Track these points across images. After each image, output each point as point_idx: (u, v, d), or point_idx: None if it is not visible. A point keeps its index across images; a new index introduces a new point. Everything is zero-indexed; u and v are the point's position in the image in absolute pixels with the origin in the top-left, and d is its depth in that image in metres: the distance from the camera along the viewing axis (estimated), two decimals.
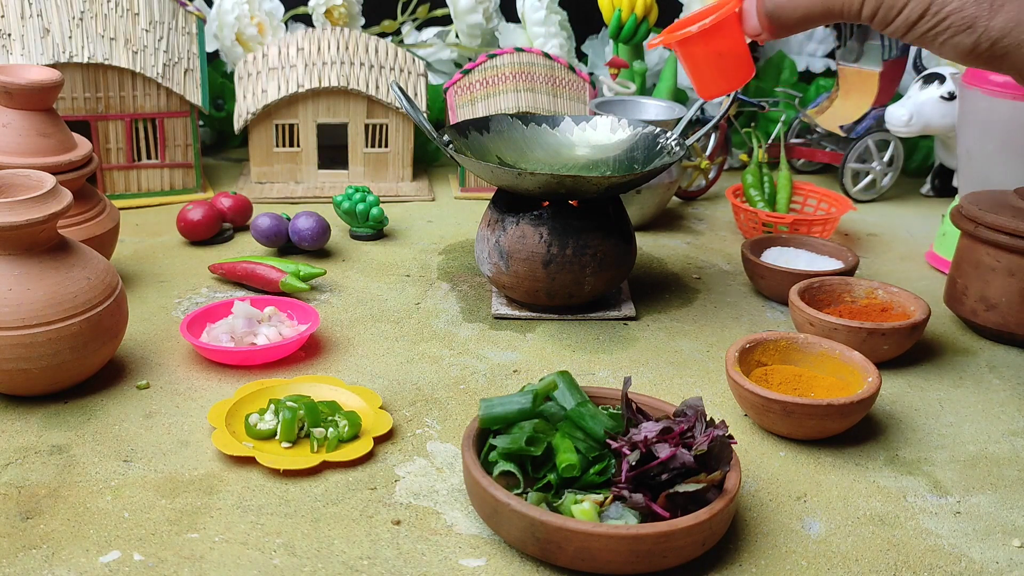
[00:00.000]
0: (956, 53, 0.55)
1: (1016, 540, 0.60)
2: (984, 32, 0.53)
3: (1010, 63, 0.54)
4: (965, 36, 0.54)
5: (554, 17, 1.34)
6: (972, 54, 0.55)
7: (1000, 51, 0.54)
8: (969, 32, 0.54)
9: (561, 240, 0.83)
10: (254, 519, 0.59)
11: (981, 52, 0.54)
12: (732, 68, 0.69)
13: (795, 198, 1.14)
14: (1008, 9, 0.52)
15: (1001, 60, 0.54)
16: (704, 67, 0.70)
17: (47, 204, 0.66)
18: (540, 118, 0.96)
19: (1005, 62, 0.54)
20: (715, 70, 0.70)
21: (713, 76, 0.70)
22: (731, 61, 0.69)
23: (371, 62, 1.17)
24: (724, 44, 0.68)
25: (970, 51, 0.55)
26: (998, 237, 0.83)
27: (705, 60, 0.69)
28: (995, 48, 0.54)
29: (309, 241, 0.98)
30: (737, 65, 0.69)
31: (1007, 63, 0.54)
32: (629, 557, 0.53)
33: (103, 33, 1.06)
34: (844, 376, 0.73)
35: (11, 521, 0.57)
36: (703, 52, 0.68)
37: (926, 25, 0.55)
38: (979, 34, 0.53)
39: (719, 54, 0.68)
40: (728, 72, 0.70)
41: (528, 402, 0.60)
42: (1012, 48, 0.53)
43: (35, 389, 0.69)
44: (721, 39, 0.68)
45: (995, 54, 0.54)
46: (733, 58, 0.69)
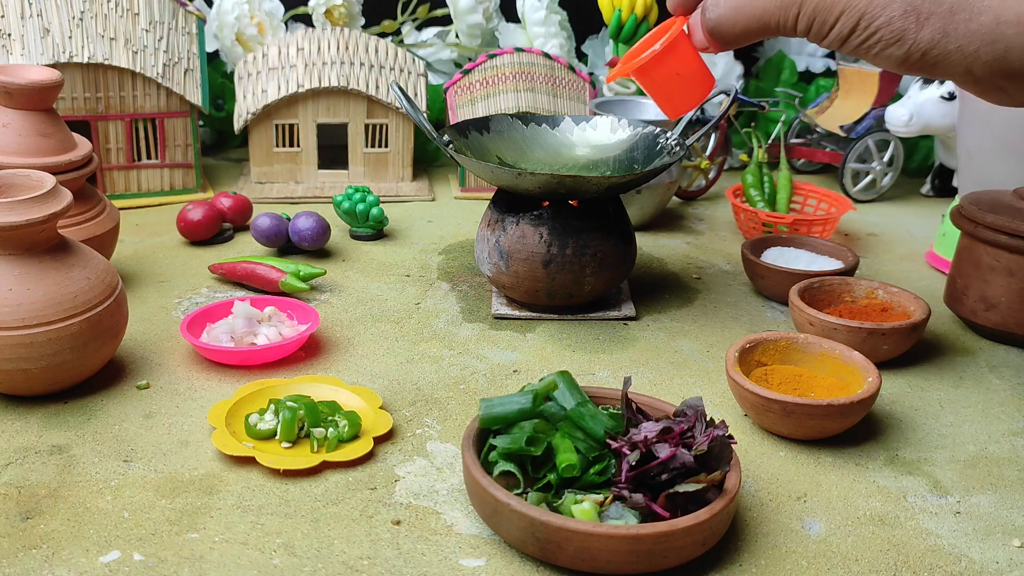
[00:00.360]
0: (890, 64, 0.58)
1: (1016, 540, 0.60)
2: (913, 44, 0.55)
3: (942, 71, 0.56)
4: (896, 48, 0.56)
5: (554, 17, 1.34)
6: (905, 64, 0.57)
7: (931, 60, 0.56)
8: (899, 45, 0.56)
9: (561, 240, 0.83)
10: (254, 519, 0.59)
11: (913, 62, 0.56)
12: (693, 84, 0.71)
13: (795, 198, 1.14)
14: (933, 22, 0.54)
15: (933, 68, 0.56)
16: (666, 89, 0.71)
17: (47, 204, 0.66)
18: (540, 118, 0.96)
19: (937, 70, 0.56)
20: (677, 89, 0.71)
21: (677, 95, 0.72)
22: (690, 77, 0.70)
23: (371, 62, 1.17)
24: (679, 63, 0.69)
25: (903, 61, 0.56)
26: (998, 237, 0.83)
27: (665, 82, 0.71)
28: (926, 58, 0.56)
29: (309, 241, 0.98)
30: (697, 80, 0.71)
31: (939, 71, 0.56)
32: (629, 557, 0.53)
33: (103, 33, 1.06)
34: (844, 376, 0.73)
35: (11, 521, 0.57)
36: (661, 75, 0.70)
37: (858, 39, 0.57)
38: (909, 46, 0.55)
39: (677, 74, 0.70)
40: (690, 88, 0.71)
41: (528, 402, 0.60)
42: (941, 58, 0.55)
43: (35, 389, 0.69)
44: (675, 59, 0.69)
45: (926, 63, 0.56)
46: (691, 74, 0.70)
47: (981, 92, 0.57)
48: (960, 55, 0.54)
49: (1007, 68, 0.53)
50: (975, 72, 0.54)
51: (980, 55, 0.53)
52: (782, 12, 0.59)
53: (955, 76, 0.56)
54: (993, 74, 0.54)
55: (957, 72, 0.55)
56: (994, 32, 0.52)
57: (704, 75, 0.71)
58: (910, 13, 0.54)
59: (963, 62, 0.54)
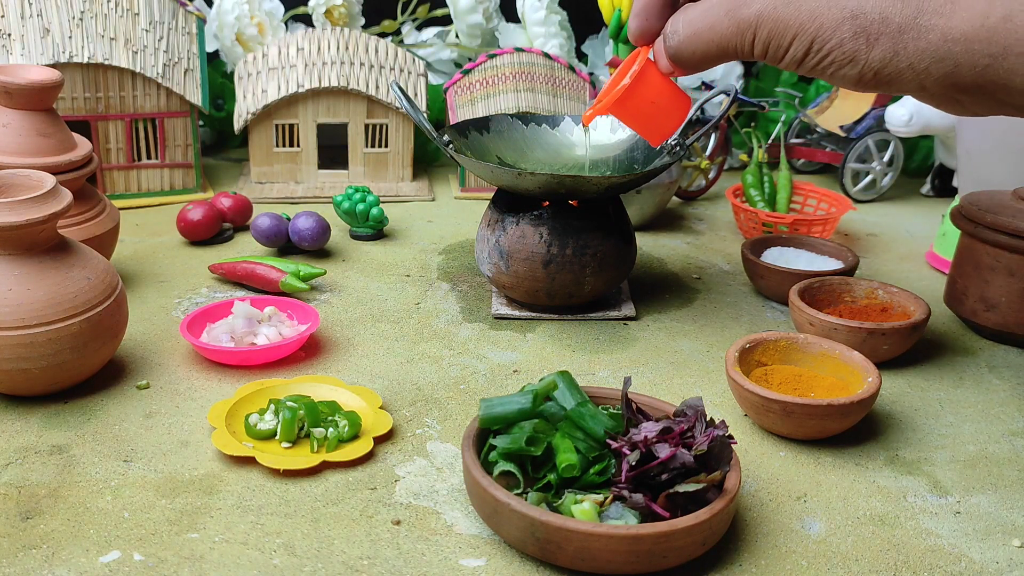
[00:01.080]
0: (846, 83, 0.59)
1: (1016, 540, 0.60)
2: (866, 64, 0.56)
3: (896, 88, 0.58)
4: (849, 68, 0.57)
5: (554, 17, 1.34)
6: (860, 83, 0.58)
7: (884, 79, 0.57)
8: (852, 65, 0.57)
9: (561, 240, 0.83)
10: (254, 519, 0.59)
11: (867, 81, 0.58)
12: (669, 108, 0.71)
13: (795, 198, 1.14)
14: (883, 42, 0.55)
15: (888, 86, 0.58)
16: (644, 118, 0.72)
17: (47, 204, 0.66)
18: (540, 118, 0.96)
19: (892, 87, 0.58)
20: (655, 116, 0.72)
21: (655, 122, 0.72)
22: (666, 102, 0.71)
23: (371, 62, 1.17)
24: (651, 91, 0.70)
25: (857, 81, 0.58)
26: (998, 237, 0.83)
27: (642, 112, 0.71)
28: (879, 77, 0.57)
29: (309, 241, 0.98)
30: (672, 103, 0.71)
31: (894, 88, 0.58)
32: (629, 557, 0.53)
33: (103, 33, 1.06)
34: (844, 376, 0.73)
35: (11, 521, 0.57)
36: (637, 106, 0.71)
37: (812, 61, 0.58)
38: (861, 66, 0.57)
39: (651, 102, 0.70)
40: (667, 113, 0.72)
41: (528, 402, 0.60)
42: (894, 76, 0.56)
43: (35, 389, 0.69)
44: (646, 88, 0.70)
45: (880, 81, 0.57)
46: (666, 99, 0.71)
47: (937, 104, 0.58)
48: (912, 72, 0.55)
49: (958, 83, 0.54)
50: (928, 88, 0.56)
51: (931, 71, 0.54)
52: (739, 37, 0.60)
53: (910, 91, 0.57)
54: (946, 89, 0.55)
55: (911, 88, 0.57)
56: (942, 50, 0.54)
57: (678, 97, 0.71)
58: (860, 35, 0.56)
59: (915, 79, 0.55)
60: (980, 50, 0.52)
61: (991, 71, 0.53)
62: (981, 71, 0.53)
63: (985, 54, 0.52)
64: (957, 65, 0.53)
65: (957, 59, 0.53)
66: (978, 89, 0.54)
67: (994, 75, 0.53)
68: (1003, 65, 0.52)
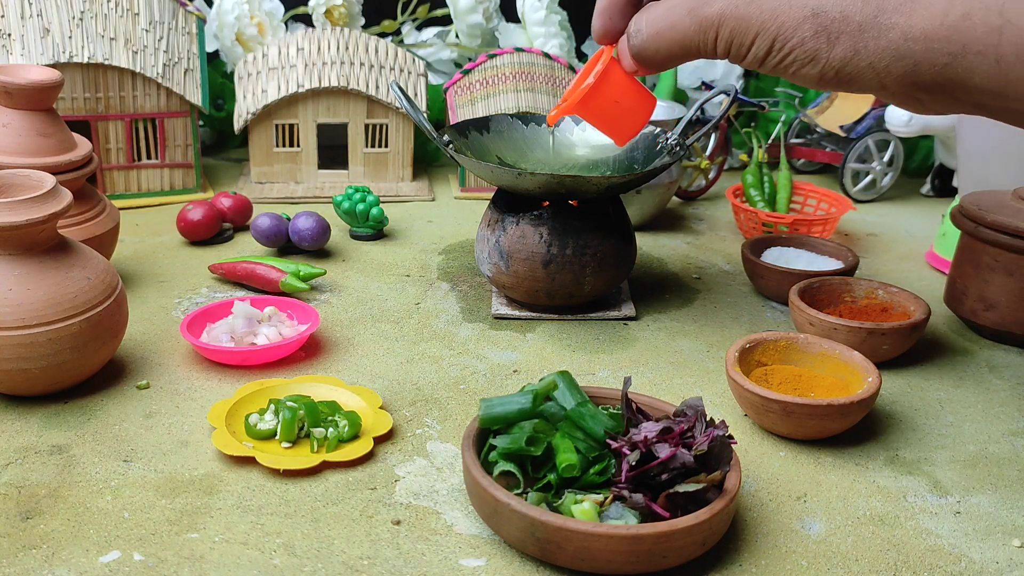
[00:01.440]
0: (808, 82, 0.59)
1: (1016, 540, 0.60)
2: (827, 63, 0.57)
3: (858, 87, 0.58)
4: (810, 67, 0.57)
5: (554, 17, 1.34)
6: (822, 82, 0.58)
7: (845, 77, 0.57)
8: (813, 64, 0.57)
9: (561, 240, 0.83)
10: (254, 519, 0.59)
11: (829, 80, 0.58)
12: (634, 108, 0.71)
13: (795, 198, 1.14)
14: (844, 41, 0.55)
15: (849, 84, 0.58)
16: (609, 118, 0.72)
17: (47, 204, 0.66)
18: (540, 118, 0.96)
19: (853, 85, 0.58)
20: (619, 116, 0.72)
21: (620, 122, 0.73)
22: (630, 102, 0.71)
23: (371, 62, 1.17)
24: (615, 91, 0.70)
25: (819, 79, 0.58)
26: (998, 237, 0.83)
27: (606, 112, 0.71)
28: (840, 75, 0.57)
29: (309, 241, 0.98)
30: (637, 103, 0.71)
31: (855, 86, 0.58)
32: (629, 557, 0.53)
33: (103, 33, 1.06)
34: (844, 376, 0.73)
35: (11, 521, 0.57)
36: (601, 106, 0.70)
37: (774, 60, 0.58)
38: (822, 65, 0.57)
39: (615, 102, 0.70)
40: (632, 113, 0.72)
41: (528, 402, 0.60)
42: (855, 75, 0.57)
43: (35, 389, 0.69)
44: (610, 87, 0.69)
45: (842, 80, 0.58)
46: (631, 98, 0.71)
47: (898, 103, 0.58)
48: (872, 71, 0.55)
49: (918, 82, 0.55)
50: (889, 86, 0.56)
51: (891, 70, 0.55)
52: (701, 36, 0.60)
53: (871, 90, 0.57)
54: (906, 87, 0.55)
55: (872, 87, 0.57)
56: (902, 48, 0.54)
57: (643, 97, 0.71)
58: (820, 33, 0.56)
59: (876, 77, 0.56)
60: (940, 48, 0.52)
61: (950, 69, 0.53)
62: (940, 69, 0.53)
63: (944, 52, 0.52)
64: (917, 63, 0.54)
65: (917, 57, 0.53)
66: (938, 87, 0.54)
67: (953, 73, 0.53)
68: (961, 63, 0.52)
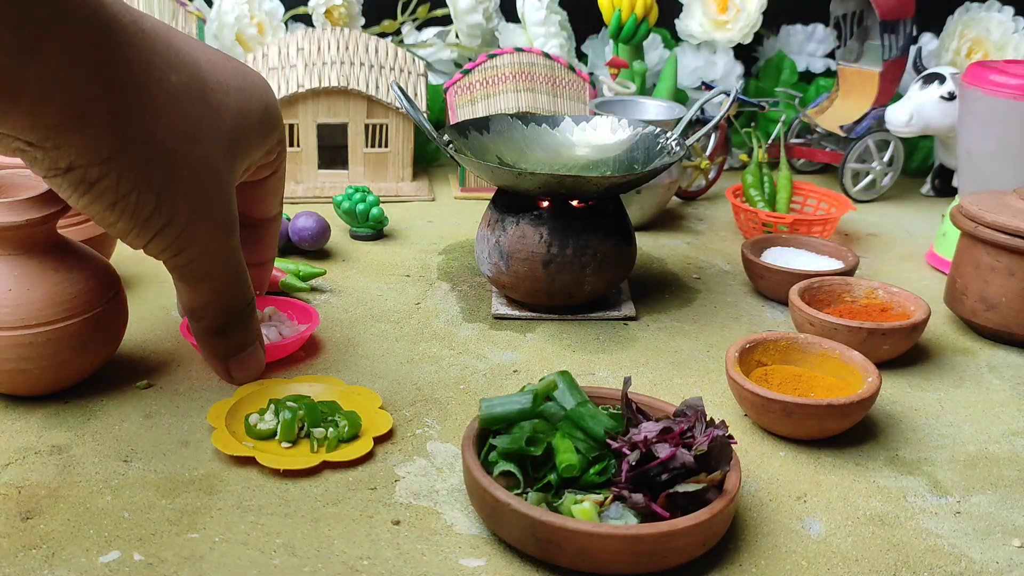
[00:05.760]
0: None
1: (1016, 540, 0.60)
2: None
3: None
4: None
5: (554, 17, 1.34)
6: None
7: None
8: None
9: (561, 240, 0.83)
10: (254, 519, 0.59)
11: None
12: None
13: (795, 198, 1.14)
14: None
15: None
16: None
17: (47, 204, 0.66)
18: (540, 118, 0.96)
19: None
20: None
21: None
22: None
23: (371, 62, 1.17)
24: None
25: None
26: (998, 237, 0.83)
27: None
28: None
29: (309, 241, 0.98)
30: None
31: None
32: (629, 557, 0.53)
33: None
34: (844, 376, 0.73)
35: (11, 521, 0.57)
36: None
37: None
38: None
39: None
40: None
41: (528, 402, 0.60)
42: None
43: (35, 389, 0.69)
44: None
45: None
46: None
47: None
48: None
49: None
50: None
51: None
52: None
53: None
54: None
55: None
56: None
57: None
58: None
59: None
60: None
61: None
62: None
63: None
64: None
65: None
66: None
67: None
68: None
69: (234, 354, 0.59)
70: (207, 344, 0.57)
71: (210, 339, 0.56)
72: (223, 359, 0.59)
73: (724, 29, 1.37)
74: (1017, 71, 1.04)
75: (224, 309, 0.56)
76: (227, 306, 0.56)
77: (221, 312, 0.56)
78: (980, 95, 1.05)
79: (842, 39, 1.30)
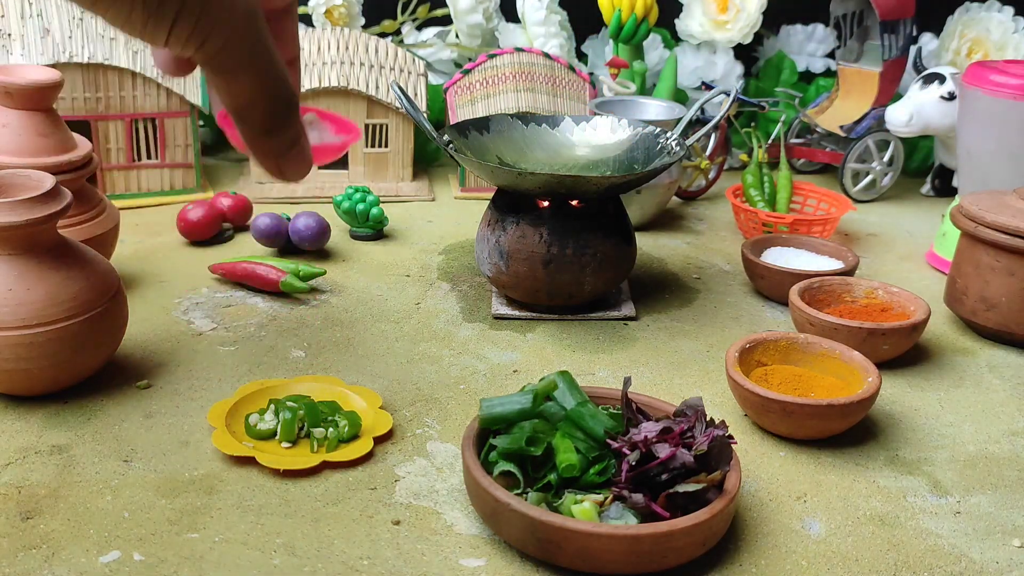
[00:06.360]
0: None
1: (1016, 540, 0.60)
2: None
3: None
4: None
5: (554, 17, 1.34)
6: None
7: None
8: None
9: (561, 240, 0.83)
10: (254, 519, 0.59)
11: None
12: None
13: (795, 198, 1.14)
14: None
15: None
16: None
17: (47, 204, 0.66)
18: (540, 118, 0.96)
19: None
20: None
21: None
22: None
23: (371, 62, 1.17)
24: None
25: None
26: (998, 237, 0.83)
27: None
28: None
29: (309, 241, 0.98)
30: None
31: None
32: (629, 557, 0.53)
33: (103, 33, 1.06)
34: (844, 376, 0.73)
35: (11, 521, 0.57)
36: None
37: None
38: None
39: None
40: None
41: (528, 402, 0.60)
42: None
43: (35, 389, 0.69)
44: None
45: None
46: None
47: None
48: None
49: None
50: None
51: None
52: None
53: None
54: None
55: None
56: None
57: None
58: None
59: None
60: None
61: None
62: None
63: None
64: None
65: None
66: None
67: None
68: None
69: (285, 152, 0.59)
70: (258, 145, 0.57)
71: (260, 140, 0.56)
72: (275, 158, 0.59)
73: (724, 29, 1.37)
74: (1017, 71, 1.04)
75: (268, 102, 0.56)
76: (271, 97, 0.56)
77: (266, 106, 0.55)
78: (980, 95, 1.05)
79: (842, 39, 1.30)
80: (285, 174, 0.62)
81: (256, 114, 0.56)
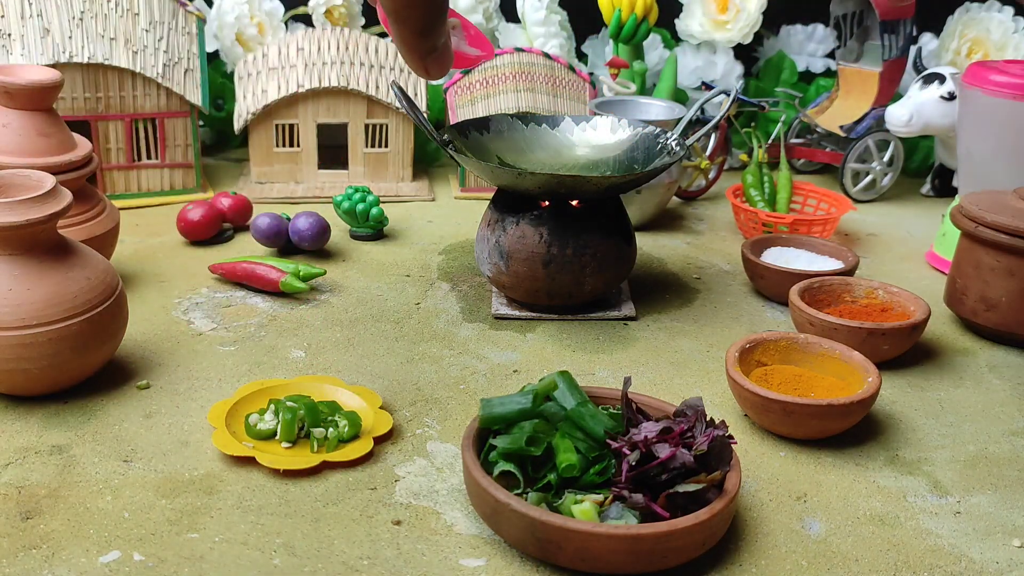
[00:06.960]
0: None
1: (1016, 540, 0.60)
2: None
3: None
4: None
5: (554, 17, 1.34)
6: None
7: None
8: None
9: (561, 240, 0.83)
10: (254, 519, 0.59)
11: None
12: None
13: (795, 198, 1.14)
14: None
15: None
16: None
17: (47, 204, 0.66)
18: (540, 118, 0.96)
19: None
20: None
21: None
22: None
23: (371, 62, 1.17)
24: None
25: None
26: (998, 237, 0.83)
27: None
28: None
29: (309, 241, 0.98)
30: None
31: None
32: (629, 557, 0.53)
33: (103, 33, 1.06)
34: (844, 376, 0.73)
35: (11, 521, 0.57)
36: None
37: None
38: None
39: None
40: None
41: (528, 402, 0.60)
42: None
43: (35, 389, 0.69)
44: None
45: None
46: None
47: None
48: None
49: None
50: None
51: None
52: None
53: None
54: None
55: None
56: None
57: None
58: None
59: None
60: None
61: None
62: None
63: None
64: None
65: None
66: None
67: None
68: None
69: (431, 52, 0.62)
70: (411, 43, 0.60)
71: (415, 39, 0.59)
72: (423, 57, 0.62)
73: (724, 29, 1.37)
74: (1017, 71, 1.04)
75: (425, 5, 0.58)
76: (426, 1, 0.58)
77: (422, 9, 0.58)
78: (980, 95, 1.05)
79: (842, 39, 1.30)
80: (429, 72, 0.65)
81: (413, 16, 0.59)
